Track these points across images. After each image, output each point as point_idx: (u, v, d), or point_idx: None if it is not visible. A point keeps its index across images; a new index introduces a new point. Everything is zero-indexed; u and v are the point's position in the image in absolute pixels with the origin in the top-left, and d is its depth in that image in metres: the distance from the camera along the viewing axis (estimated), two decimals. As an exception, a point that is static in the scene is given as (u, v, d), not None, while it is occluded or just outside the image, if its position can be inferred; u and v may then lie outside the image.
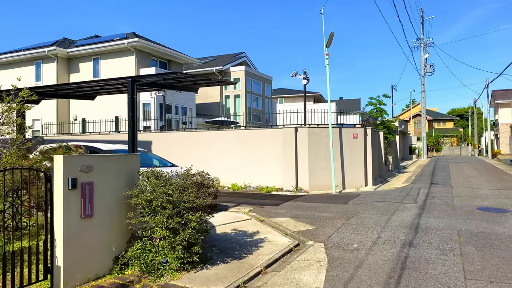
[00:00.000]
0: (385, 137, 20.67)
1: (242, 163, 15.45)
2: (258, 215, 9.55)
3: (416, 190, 14.33)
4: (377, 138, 18.41)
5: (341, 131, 15.06)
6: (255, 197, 12.89)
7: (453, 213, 9.51)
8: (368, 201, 11.62)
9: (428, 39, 39.70)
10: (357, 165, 15.28)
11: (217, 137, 16.13)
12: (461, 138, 72.04)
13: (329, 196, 13.13)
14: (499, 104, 48.96)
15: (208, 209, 5.79)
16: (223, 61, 29.60)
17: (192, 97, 23.99)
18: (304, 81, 15.48)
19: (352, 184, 15.04)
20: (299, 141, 14.58)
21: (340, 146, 14.99)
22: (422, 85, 40.60)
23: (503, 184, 15.45)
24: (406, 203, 11.27)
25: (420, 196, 12.68)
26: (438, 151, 66.81)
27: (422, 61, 40.00)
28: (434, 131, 73.56)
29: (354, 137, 15.28)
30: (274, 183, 14.81)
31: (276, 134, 15.01)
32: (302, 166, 14.48)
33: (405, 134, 40.57)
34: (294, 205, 11.06)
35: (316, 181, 14.46)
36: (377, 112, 20.32)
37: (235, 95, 28.35)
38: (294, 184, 14.36)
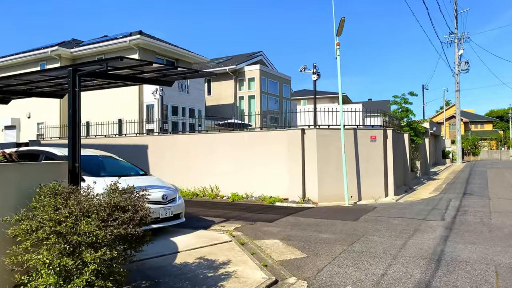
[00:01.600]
0: (412, 140, 18.40)
1: (244, 169, 13.73)
2: (243, 236, 7.81)
3: (445, 202, 12.13)
4: (401, 141, 16.23)
5: (356, 133, 13.07)
6: (252, 210, 11.14)
7: (490, 237, 7.40)
8: (383, 217, 9.62)
9: (463, 34, 36.69)
10: (375, 172, 13.22)
11: (217, 141, 14.49)
12: (501, 141, 67.29)
13: (340, 209, 11.19)
14: (544, 104, 44.91)
15: (128, 242, 4.10)
16: (237, 60, 28.05)
17: (201, 98, 22.55)
18: (314, 76, 13.64)
19: (370, 194, 13.00)
20: (306, 145, 12.72)
21: (355, 150, 13.00)
22: (456, 84, 37.56)
23: (553, 195, 12.98)
24: (431, 220, 9.19)
25: (449, 210, 10.53)
26: (476, 155, 62.56)
27: (456, 58, 37.00)
28: (471, 133, 69.16)
29: (372, 140, 13.25)
30: (278, 193, 13.00)
31: (281, 137, 13.20)
32: (310, 173, 12.60)
33: (438, 137, 37.61)
34: (292, 222, 9.23)
35: (327, 190, 12.54)
36: (402, 112, 18.09)
37: (249, 96, 26.71)
38: (300, 194, 12.49)
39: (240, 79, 27.10)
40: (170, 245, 7.03)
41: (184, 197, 14.13)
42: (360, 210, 10.90)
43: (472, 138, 63.88)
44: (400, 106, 18.21)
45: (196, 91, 22.05)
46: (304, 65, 13.76)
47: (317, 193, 12.46)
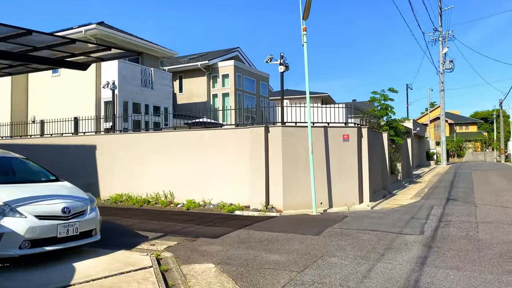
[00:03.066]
0: (392, 140, 17.00)
1: (202, 173, 12.10)
2: (173, 258, 6.20)
3: (426, 210, 10.68)
4: (380, 141, 14.79)
5: (327, 131, 11.55)
6: (203, 221, 9.53)
7: (478, 258, 5.91)
8: (352, 230, 8.08)
9: (447, 32, 35.65)
10: (348, 176, 11.73)
11: (172, 140, 12.82)
12: (486, 143, 66.88)
13: (304, 220, 9.65)
14: (528, 105, 44.27)
15: None
16: (212, 56, 26.42)
17: (168, 94, 20.81)
18: (281, 68, 12.10)
19: (342, 200, 11.48)
20: (271, 145, 11.15)
21: (326, 151, 11.49)
22: (441, 83, 36.50)
23: (546, 201, 11.64)
24: (407, 234, 7.68)
25: (430, 221, 9.05)
26: (460, 156, 61.96)
27: (440, 57, 35.96)
28: (456, 135, 68.63)
29: (345, 139, 11.75)
30: (239, 200, 11.39)
31: (243, 136, 11.61)
32: (275, 177, 11.04)
33: (422, 138, 36.50)
34: (242, 237, 7.64)
35: (294, 197, 10.99)
36: (381, 110, 16.65)
37: (223, 94, 25.09)
38: (263, 201, 10.91)
39: (213, 76, 25.48)
40: (66, 273, 5.35)
41: (133, 205, 12.49)
42: (327, 220, 9.36)
43: (457, 140, 63.29)
44: (379, 103, 16.79)
45: (162, 87, 20.34)
46: (270, 55, 12.21)
47: (282, 200, 10.90)
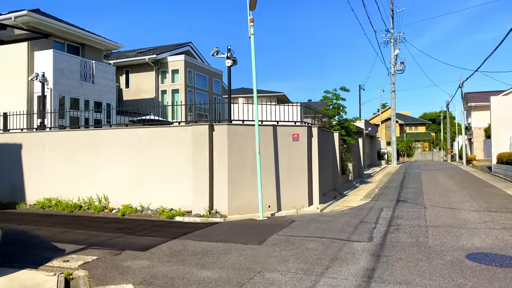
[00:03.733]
0: (343, 139, 16.72)
1: (140, 175, 11.08)
2: (85, 278, 5.25)
3: (376, 212, 10.31)
4: (331, 140, 14.40)
5: (276, 131, 10.91)
6: (135, 230, 8.57)
7: (428, 269, 5.44)
8: (298, 238, 7.45)
9: (399, 34, 36.45)
10: (297, 177, 11.16)
11: (108, 139, 11.68)
12: (433, 143, 69.87)
13: (249, 225, 8.93)
14: (472, 107, 46.29)
15: None
16: (161, 50, 25.16)
17: (111, 89, 19.40)
18: (228, 62, 11.33)
19: (291, 203, 10.89)
20: (216, 144, 10.34)
21: (275, 151, 10.85)
22: (392, 84, 37.28)
23: (491, 202, 11.65)
24: (356, 241, 7.15)
25: (379, 225, 8.62)
26: (410, 156, 64.21)
27: (392, 58, 36.69)
28: (406, 135, 71.13)
29: (294, 139, 11.17)
30: (181, 204, 10.50)
31: (184, 135, 10.71)
32: (220, 180, 10.23)
33: (373, 138, 37.12)
34: (175, 249, 6.78)
35: (240, 200, 10.24)
36: (333, 109, 16.32)
37: (173, 90, 23.95)
38: (207, 205, 10.08)
39: (162, 71, 24.27)
40: None
41: (63, 211, 11.22)
42: (273, 225, 8.70)
43: (407, 140, 65.52)
44: (331, 102, 16.45)
45: (104, 81, 18.91)
46: (216, 48, 11.39)
47: (227, 204, 10.11)
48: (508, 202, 11.54)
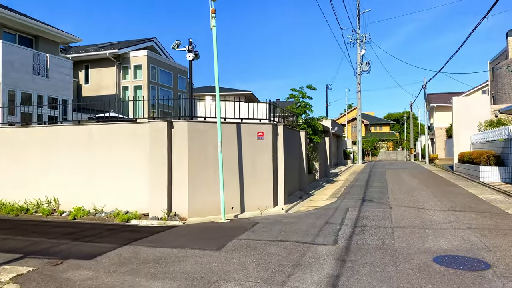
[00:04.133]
0: (310, 138, 16.48)
1: (94, 175, 10.33)
2: (15, 292, 4.58)
3: (341, 213, 10.03)
4: (297, 139, 14.08)
5: (240, 128, 10.44)
6: (85, 235, 7.87)
7: (395, 274, 5.12)
8: (260, 242, 7.01)
9: (365, 35, 36.84)
10: (262, 177, 10.74)
11: (58, 136, 10.84)
12: (397, 143, 71.57)
13: (210, 229, 8.41)
14: (434, 108, 47.71)
15: None
16: (123, 45, 24.13)
17: (67, 85, 18.31)
18: (190, 55, 10.75)
19: (255, 203, 10.46)
20: (175, 142, 9.74)
21: (239, 150, 10.37)
22: (358, 84, 37.67)
23: (455, 201, 11.67)
24: (320, 244, 6.79)
25: (344, 226, 8.32)
26: (375, 155, 65.45)
27: (358, 58, 37.06)
28: (371, 135, 72.53)
29: (259, 137, 10.73)
30: (137, 206, 9.85)
31: (141, 132, 10.06)
32: (179, 180, 9.65)
33: (340, 137, 37.39)
34: (124, 257, 6.17)
35: (201, 202, 9.70)
36: (300, 108, 16.03)
37: (135, 86, 23.00)
38: (165, 207, 9.47)
39: (124, 66, 23.27)
40: None
41: (7, 215, 10.30)
42: (235, 229, 8.22)
43: (372, 140, 66.78)
44: (297, 100, 16.16)
45: (59, 75, 17.81)
46: (177, 40, 10.75)
47: (186, 206, 9.55)
48: (471, 201, 11.59)
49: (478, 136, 22.51)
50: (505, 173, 16.87)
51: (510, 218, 8.92)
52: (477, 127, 23.93)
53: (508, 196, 12.78)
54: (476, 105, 24.79)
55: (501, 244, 6.50)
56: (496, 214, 9.37)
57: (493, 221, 8.57)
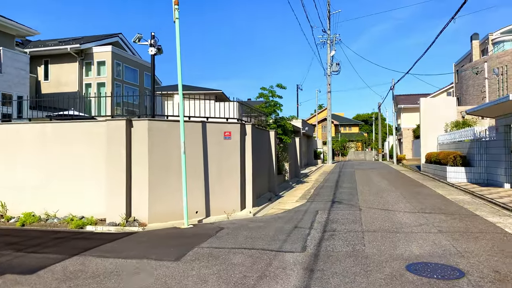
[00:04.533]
0: (280, 138, 16.12)
1: (46, 177, 9.53)
2: None
3: (311, 216, 9.68)
4: (266, 139, 13.68)
5: (205, 128, 9.91)
6: (31, 244, 7.15)
7: (367, 286, 4.76)
8: (223, 250, 6.52)
9: (335, 35, 36.96)
10: (229, 179, 10.24)
11: (6, 135, 9.95)
12: (366, 143, 72.70)
13: (170, 236, 7.85)
14: (402, 109, 48.65)
15: None
16: (86, 40, 23.01)
17: (23, 80, 17.18)
18: (152, 50, 10.12)
19: (222, 207, 9.96)
20: (135, 142, 9.10)
21: (204, 151, 9.84)
22: (328, 85, 37.77)
23: (424, 203, 11.57)
24: (288, 251, 6.37)
25: (314, 230, 7.95)
26: (344, 155, 66.22)
27: (328, 59, 37.14)
28: (341, 135, 73.37)
29: (226, 137, 10.24)
30: (94, 211, 9.15)
31: (97, 131, 9.36)
32: (139, 183, 9.02)
33: (310, 138, 37.37)
34: (70, 270, 5.53)
35: (163, 206, 9.11)
36: (269, 107, 15.64)
37: (99, 83, 21.97)
38: (123, 212, 8.82)
39: (87, 62, 22.19)
40: None
41: None
42: (198, 235, 7.69)
43: (341, 140, 67.53)
44: (266, 99, 15.76)
45: (14, 70, 16.67)
46: (138, 34, 10.11)
47: (147, 210, 8.93)
48: (440, 203, 11.52)
49: (444, 136, 22.88)
50: (471, 173, 17.10)
51: (479, 220, 8.82)
52: (444, 128, 24.35)
53: (475, 196, 12.84)
54: (443, 106, 25.22)
55: (473, 249, 6.29)
56: (465, 216, 9.26)
57: (463, 223, 8.43)
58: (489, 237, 7.09)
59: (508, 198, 11.80)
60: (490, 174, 15.99)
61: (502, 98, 11.84)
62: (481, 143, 16.80)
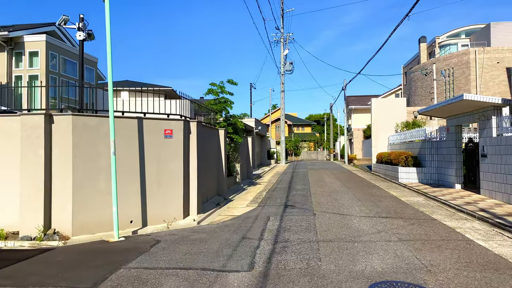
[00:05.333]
0: (231, 138, 15.12)
1: None
2: None
3: (261, 223, 8.77)
4: (215, 139, 12.64)
5: (142, 125, 8.70)
6: None
7: (326, 318, 3.88)
8: (154, 272, 5.41)
9: (288, 34, 36.54)
10: (171, 183, 9.10)
11: None
12: (318, 143, 73.51)
13: (95, 252, 6.60)
14: (352, 110, 49.35)
15: None
16: (17, 28, 20.72)
17: None
18: (80, 35, 8.75)
19: (161, 215, 8.81)
20: (57, 141, 7.74)
21: (141, 151, 8.63)
22: (282, 84, 37.30)
23: (379, 206, 11.05)
24: (232, 271, 5.39)
25: (264, 242, 7.03)
26: (297, 155, 66.46)
27: (281, 58, 36.66)
28: (294, 135, 73.65)
29: (167, 136, 9.08)
30: (5, 222, 7.69)
31: (10, 128, 7.89)
32: (62, 188, 7.67)
33: (264, 137, 36.73)
34: None
35: (91, 215, 7.81)
36: (219, 104, 14.58)
37: (31, 76, 19.82)
38: (41, 223, 7.44)
39: (17, 52, 19.95)
40: None
41: None
42: (128, 251, 6.52)
43: (295, 140, 67.71)
44: (215, 95, 14.70)
45: None
46: (64, 16, 8.70)
47: (70, 221, 7.61)
48: (395, 205, 11.06)
49: (395, 137, 22.97)
50: (422, 173, 17.04)
51: (438, 225, 8.33)
52: (394, 128, 24.52)
53: (428, 198, 12.57)
54: (393, 106, 25.41)
55: (439, 262, 5.64)
56: (423, 221, 8.76)
57: (422, 229, 7.87)
58: (452, 246, 6.53)
59: (461, 200, 11.59)
60: (441, 174, 15.96)
61: (456, 97, 11.61)
62: (432, 143, 16.78)
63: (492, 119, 11.59)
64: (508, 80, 29.57)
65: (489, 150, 11.80)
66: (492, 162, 11.59)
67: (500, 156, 11.12)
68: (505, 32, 31.01)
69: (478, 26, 34.59)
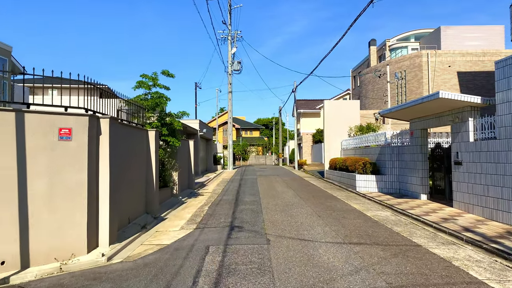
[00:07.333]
0: (166, 141, 12.55)
1: None
2: None
3: (197, 259, 6.38)
4: (143, 142, 10.06)
5: (22, 121, 6.01)
6: None
7: None
8: None
9: (236, 32, 34.39)
10: (69, 202, 6.46)
11: None
12: (266, 147, 72.08)
13: None
14: (301, 114, 48.15)
15: None
16: None
17: None
18: None
19: (55, 249, 6.16)
20: None
21: (20, 158, 5.94)
22: (229, 84, 35.05)
23: (345, 225, 9.08)
24: None
25: (196, 298, 4.68)
26: (245, 160, 64.52)
27: (229, 56, 34.44)
28: (242, 139, 71.69)
29: (64, 137, 6.45)
30: None
31: None
32: None
33: (210, 141, 34.22)
34: None
35: None
36: (151, 100, 11.98)
37: None
38: None
39: None
40: None
41: None
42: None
43: (243, 144, 65.76)
44: (147, 89, 12.10)
45: None
46: None
47: None
48: (363, 224, 9.14)
49: (348, 141, 21.51)
50: (382, 182, 15.50)
51: (427, 255, 6.44)
52: (348, 132, 23.11)
53: (396, 212, 10.86)
54: (347, 109, 24.02)
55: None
56: (406, 249, 6.85)
57: (411, 264, 5.91)
58: (466, 297, 4.57)
59: (435, 214, 9.94)
60: (404, 183, 14.47)
61: (431, 95, 9.98)
62: (392, 148, 15.29)
63: (469, 121, 10.09)
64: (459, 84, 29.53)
65: (464, 157, 10.29)
66: (468, 170, 10.07)
67: (479, 164, 9.60)
68: (454, 36, 31.10)
69: (427, 30, 34.64)
